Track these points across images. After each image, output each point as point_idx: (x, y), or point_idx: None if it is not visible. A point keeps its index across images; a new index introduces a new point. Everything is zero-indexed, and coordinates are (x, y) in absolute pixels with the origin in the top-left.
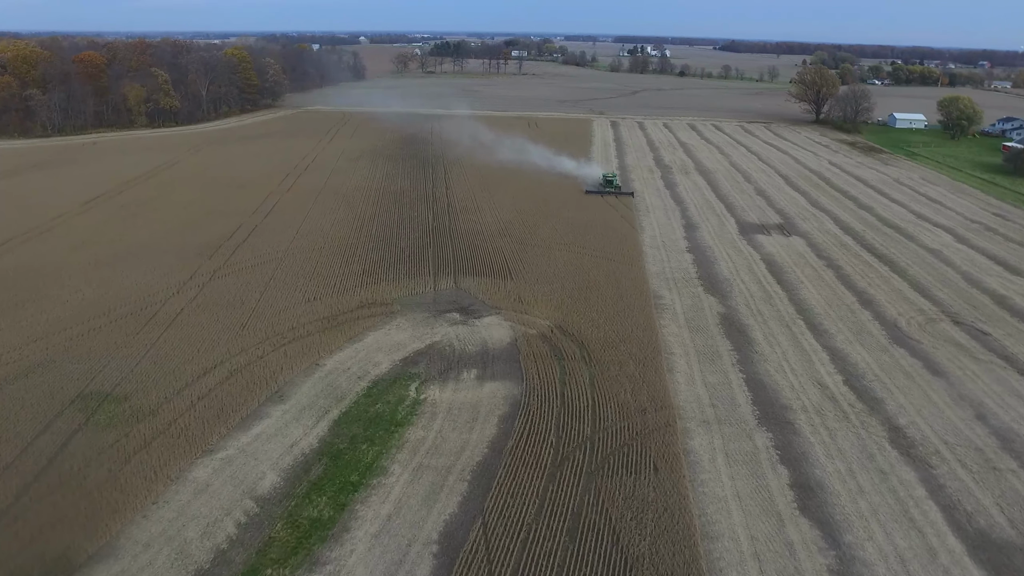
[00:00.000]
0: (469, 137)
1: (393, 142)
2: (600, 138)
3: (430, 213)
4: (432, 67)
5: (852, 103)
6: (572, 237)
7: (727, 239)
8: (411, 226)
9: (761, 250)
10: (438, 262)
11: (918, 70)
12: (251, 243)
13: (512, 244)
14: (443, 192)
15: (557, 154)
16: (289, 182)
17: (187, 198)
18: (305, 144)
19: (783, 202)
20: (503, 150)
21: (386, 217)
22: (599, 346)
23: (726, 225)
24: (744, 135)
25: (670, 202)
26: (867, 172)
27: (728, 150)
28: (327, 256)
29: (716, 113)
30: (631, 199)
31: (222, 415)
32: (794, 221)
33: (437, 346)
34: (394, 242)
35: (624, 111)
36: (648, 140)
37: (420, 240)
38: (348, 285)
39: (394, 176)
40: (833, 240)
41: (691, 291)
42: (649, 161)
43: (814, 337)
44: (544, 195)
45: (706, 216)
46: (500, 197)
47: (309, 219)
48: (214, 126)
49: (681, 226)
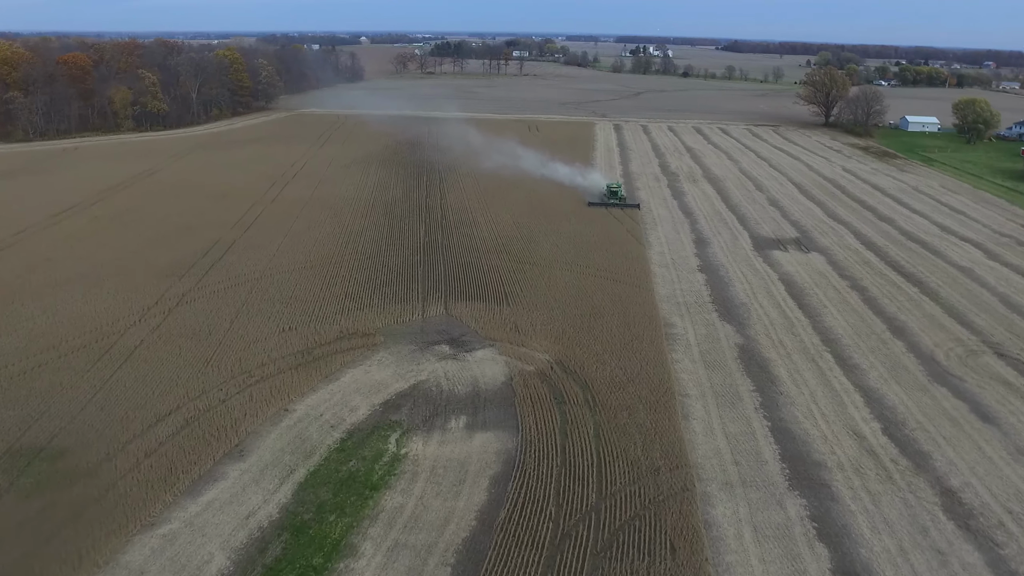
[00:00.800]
0: (466, 142)
1: (387, 147)
2: (603, 143)
3: (422, 227)
4: (432, 68)
5: (863, 106)
6: (574, 254)
7: (741, 256)
8: (401, 242)
9: (778, 268)
10: (428, 284)
11: (925, 71)
12: (227, 261)
13: (509, 263)
14: (437, 202)
15: (558, 161)
16: (275, 192)
17: (164, 210)
18: (295, 149)
19: (798, 213)
20: (501, 156)
21: (375, 232)
22: (605, 387)
23: (739, 240)
24: (752, 139)
25: (678, 214)
26: (884, 180)
27: (737, 155)
28: (308, 277)
29: (722, 115)
30: (637, 211)
31: (171, 477)
32: (811, 235)
33: (423, 386)
34: (382, 260)
35: (627, 114)
36: (653, 145)
37: (410, 258)
38: (328, 312)
39: (386, 185)
40: (855, 257)
41: (705, 318)
42: (655, 168)
43: (844, 374)
44: (544, 206)
45: (717, 229)
46: (497, 208)
47: (292, 234)
48: (203, 130)
49: (691, 241)
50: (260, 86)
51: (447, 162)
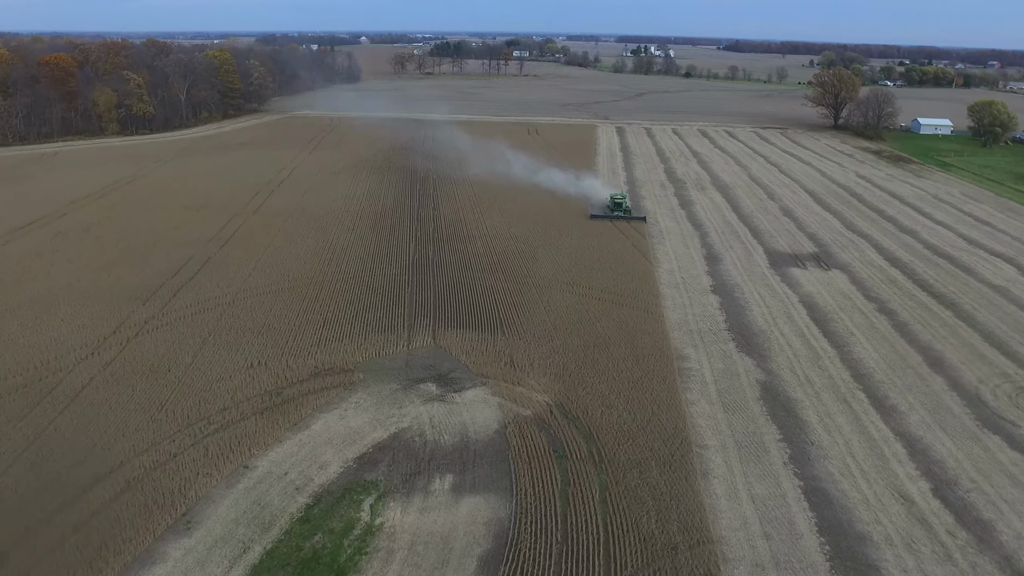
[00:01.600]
0: (463, 147)
1: (380, 152)
2: (605, 147)
3: (412, 241)
4: (430, 68)
5: (874, 108)
6: (576, 273)
7: (757, 274)
8: (389, 259)
9: (798, 289)
10: (416, 308)
11: (931, 71)
12: (198, 282)
13: (505, 283)
14: (429, 213)
15: (558, 167)
16: (258, 201)
17: (137, 223)
18: (284, 154)
19: (814, 225)
20: (498, 162)
21: (361, 247)
22: (611, 436)
23: (753, 255)
24: (760, 143)
25: (687, 225)
26: (901, 187)
27: (745, 161)
28: (284, 300)
29: (727, 118)
30: (643, 223)
31: (98, 560)
32: (830, 249)
33: (404, 436)
34: (366, 281)
35: (630, 115)
36: (657, 149)
37: (397, 278)
38: (303, 343)
39: (377, 194)
40: (879, 275)
41: (721, 348)
42: (660, 174)
43: (881, 417)
44: (544, 218)
45: (729, 243)
46: (493, 220)
47: (271, 250)
48: (191, 134)
49: (702, 257)
50: (251, 88)
51: (441, 169)
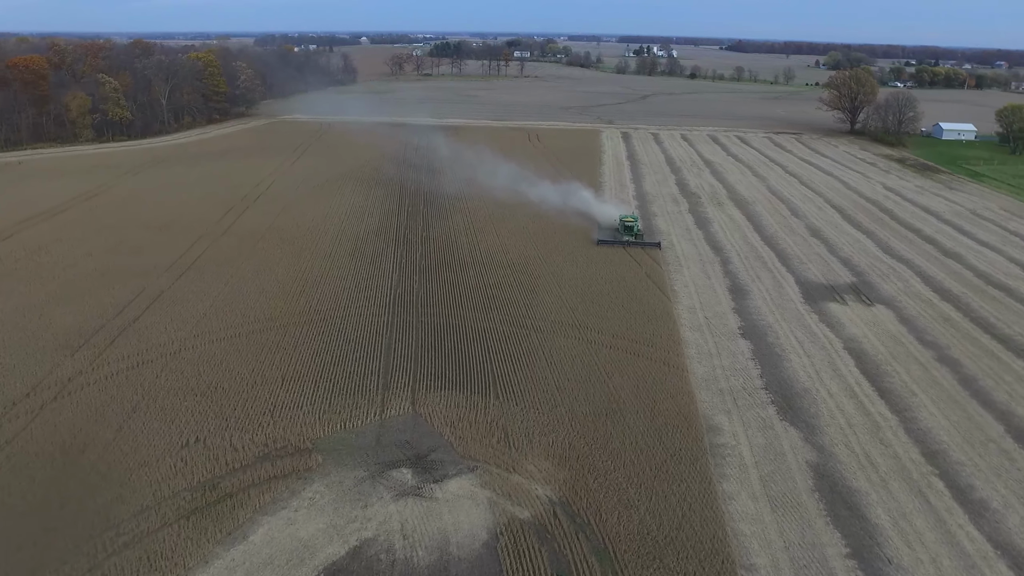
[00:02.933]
0: (457, 156)
1: (368, 162)
2: (611, 155)
3: (396, 271)
4: (429, 69)
5: (895, 112)
6: (583, 311)
7: (790, 311)
8: (367, 293)
9: (840, 331)
10: (394, 361)
11: (943, 72)
12: (144, 325)
13: (501, 324)
14: (418, 236)
15: (561, 180)
16: (229, 220)
17: (90, 245)
18: (267, 164)
19: (847, 247)
20: (497, 174)
21: (337, 278)
22: (631, 553)
23: (784, 287)
24: (775, 150)
25: (706, 249)
26: (934, 201)
27: (762, 170)
28: (239, 350)
29: (737, 122)
30: (657, 250)
31: None
32: (869, 278)
33: (367, 551)
34: (338, 323)
35: (635, 119)
36: (667, 157)
37: (375, 319)
38: (254, 410)
39: (361, 212)
40: (930, 311)
41: (759, 415)
42: (672, 187)
43: (970, 519)
44: (546, 241)
45: (756, 272)
46: (489, 243)
47: (235, 282)
48: (171, 140)
49: (726, 289)
50: (238, 91)
51: (433, 182)
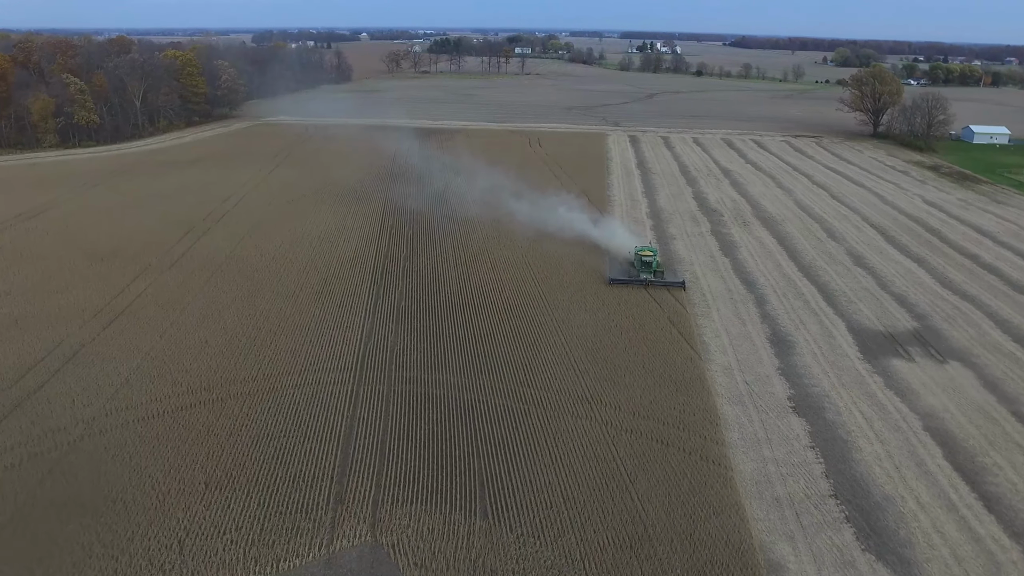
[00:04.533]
0: (451, 166)
1: (351, 174)
2: (619, 163)
3: (369, 316)
4: (427, 66)
5: (923, 114)
6: (594, 376)
7: (848, 372)
8: (329, 351)
9: (914, 402)
10: (354, 456)
11: (957, 69)
12: (44, 398)
13: (492, 397)
14: (398, 269)
15: (565, 197)
16: (184, 245)
17: (13, 281)
18: (240, 174)
19: (899, 280)
20: (493, 190)
21: (296, 327)
22: None
23: (834, 335)
24: (796, 156)
25: (736, 284)
26: (983, 218)
27: (786, 181)
28: (158, 438)
29: (751, 123)
30: (681, 289)
31: None
32: (933, 322)
33: None
34: (288, 397)
35: (642, 120)
36: (680, 165)
37: (335, 388)
38: (156, 540)
39: (336, 235)
40: (1017, 370)
41: (833, 543)
42: (689, 202)
43: None
44: (547, 276)
45: (798, 315)
46: (482, 279)
47: (173, 332)
48: (142, 146)
49: (766, 340)
50: (219, 91)
51: (421, 199)
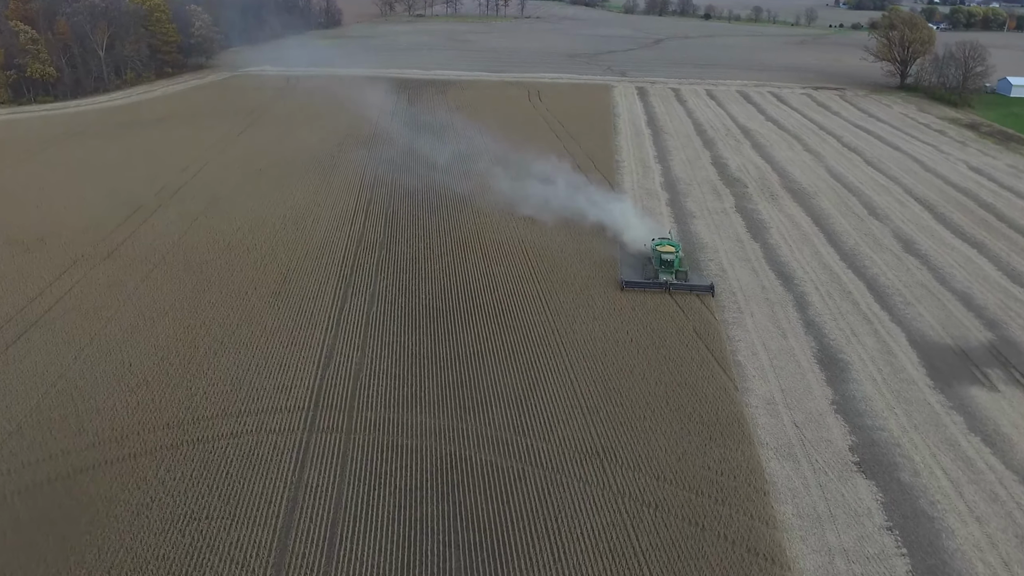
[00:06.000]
0: (440, 129)
1: (328, 137)
2: (628, 121)
3: (330, 330)
4: (421, 9)
5: (959, 64)
6: (606, 419)
7: (919, 409)
8: (274, 385)
9: (1007, 454)
10: (293, 550)
11: (980, 12)
12: None
13: (477, 452)
14: (373, 258)
15: (567, 164)
16: (127, 229)
17: None
18: (207, 136)
19: (959, 273)
20: (488, 157)
21: (243, 343)
22: None
23: (895, 352)
24: (820, 112)
25: (770, 278)
26: None
27: (813, 143)
28: (35, 522)
29: (767, 73)
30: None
31: None
32: (1010, 331)
33: None
34: (220, 452)
35: (650, 69)
36: (695, 123)
37: (277, 441)
38: None
39: (305, 214)
40: None
41: None
42: (708, 169)
43: None
44: (548, 273)
45: (848, 323)
46: (471, 276)
47: (91, 351)
48: (105, 102)
49: (813, 359)
50: (193, 40)
51: (406, 169)
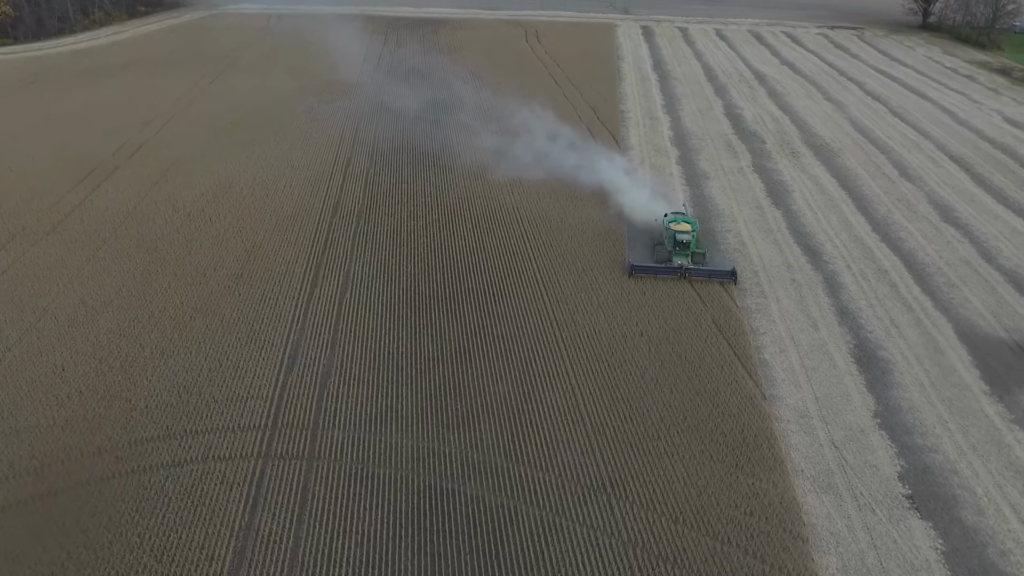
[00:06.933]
0: (431, 73)
1: (309, 83)
2: (632, 64)
3: (294, 326)
4: None
5: (989, 2)
6: (615, 443)
7: (975, 423)
8: (226, 396)
9: None
10: None
11: None
12: None
13: (463, 488)
14: (345, 235)
15: (568, 113)
16: (77, 196)
17: None
18: (176, 84)
19: (1008, 248)
20: (478, 108)
21: (188, 346)
22: None
23: (943, 348)
24: (838, 55)
25: (796, 254)
26: None
27: (833, 90)
28: None
29: (778, 11)
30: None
31: None
32: None
33: None
34: (151, 490)
35: (655, 5)
36: (705, 67)
37: (226, 473)
38: None
39: (275, 180)
40: None
41: None
42: (721, 120)
43: None
44: (544, 248)
45: (888, 312)
46: (455, 254)
47: (16, 354)
48: (69, 44)
49: (850, 357)
50: None
51: (389, 126)
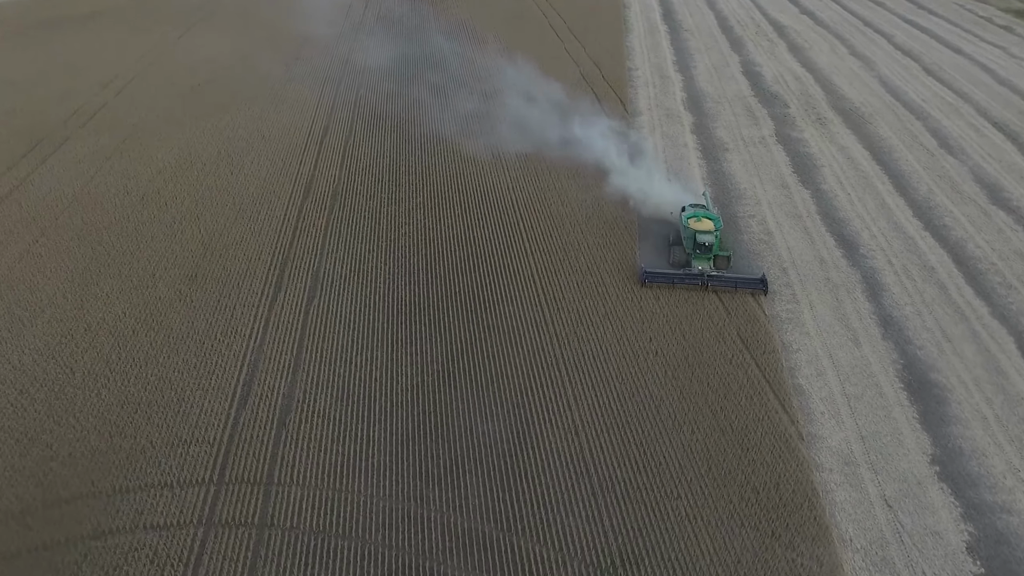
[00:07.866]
0: (423, 29)
1: (287, 42)
2: (640, 13)
3: (252, 343)
4: None
5: None
6: (632, 503)
7: None
8: (168, 440)
9: None
10: None
11: None
12: None
13: (445, 572)
14: (316, 223)
15: (571, 72)
16: (19, 173)
17: None
18: (142, 39)
19: None
20: (472, 69)
21: (126, 370)
22: None
23: (1006, 370)
24: (861, 3)
25: (830, 247)
26: None
27: (860, 44)
28: None
29: None
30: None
31: None
32: None
33: None
34: (65, 563)
35: None
36: (718, 15)
37: (159, 547)
38: None
39: (242, 154)
40: None
41: None
42: (738, 80)
43: None
44: (544, 241)
45: (939, 321)
46: (442, 248)
47: None
48: None
49: (899, 382)
50: None
51: (373, 89)
